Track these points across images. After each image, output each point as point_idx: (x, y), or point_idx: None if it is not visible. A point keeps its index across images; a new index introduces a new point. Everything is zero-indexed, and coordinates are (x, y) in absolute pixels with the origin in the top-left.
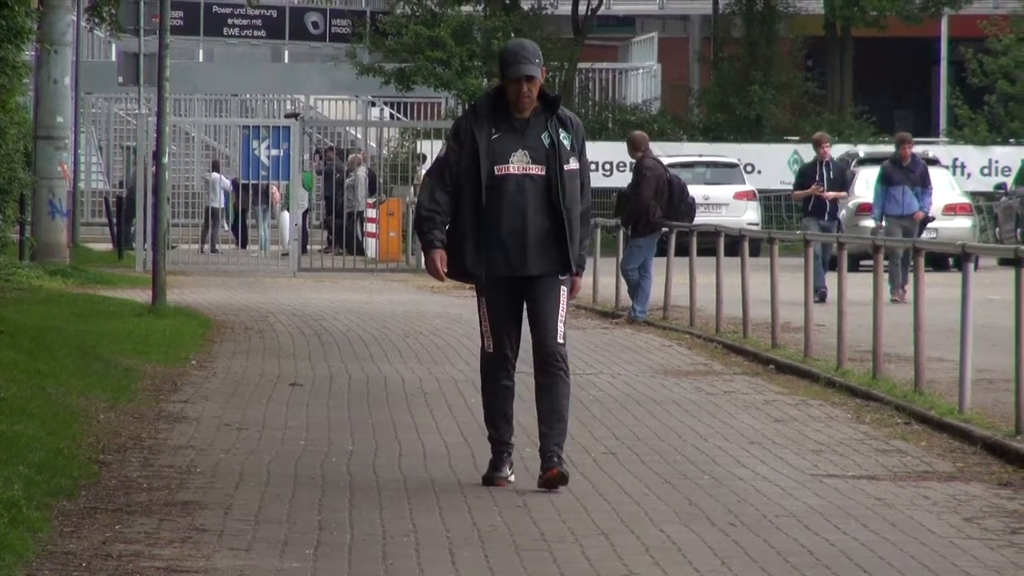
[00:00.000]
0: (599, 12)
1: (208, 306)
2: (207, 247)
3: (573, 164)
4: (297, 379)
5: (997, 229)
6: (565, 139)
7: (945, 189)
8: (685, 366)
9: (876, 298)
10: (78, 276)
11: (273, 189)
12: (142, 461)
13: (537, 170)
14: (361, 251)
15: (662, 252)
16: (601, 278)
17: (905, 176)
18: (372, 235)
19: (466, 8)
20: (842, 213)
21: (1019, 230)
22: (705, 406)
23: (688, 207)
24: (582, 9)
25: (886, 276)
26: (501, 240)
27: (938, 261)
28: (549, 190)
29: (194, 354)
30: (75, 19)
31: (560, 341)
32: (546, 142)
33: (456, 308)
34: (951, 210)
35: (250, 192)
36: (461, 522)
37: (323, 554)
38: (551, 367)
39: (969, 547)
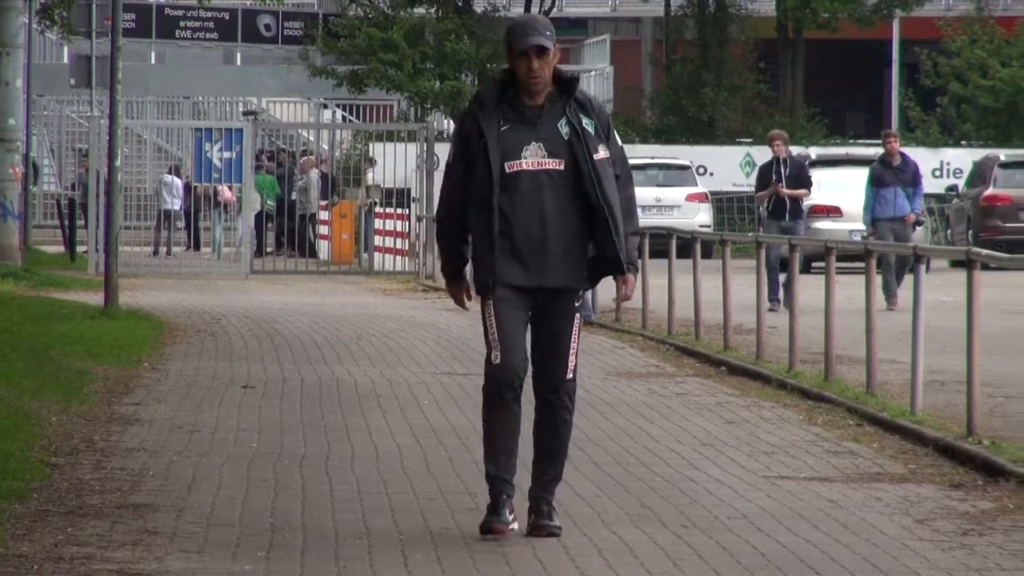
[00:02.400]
0: (551, 14)
1: (160, 308)
2: (162, 249)
3: (603, 152)
4: (249, 381)
5: (949, 231)
6: (588, 125)
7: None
8: (637, 368)
9: (828, 300)
10: (30, 279)
11: (224, 190)
12: (94, 464)
13: (555, 164)
14: (313, 253)
15: None
16: None
17: (896, 177)
18: (324, 237)
19: (419, 10)
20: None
21: (970, 232)
22: (657, 408)
23: None
24: (535, 9)
25: (839, 278)
26: (516, 247)
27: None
28: (570, 187)
29: (146, 356)
30: (27, 21)
31: (570, 376)
32: (564, 132)
33: (408, 311)
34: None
35: (202, 195)
36: (414, 524)
37: (275, 556)
38: (557, 403)
39: (920, 549)
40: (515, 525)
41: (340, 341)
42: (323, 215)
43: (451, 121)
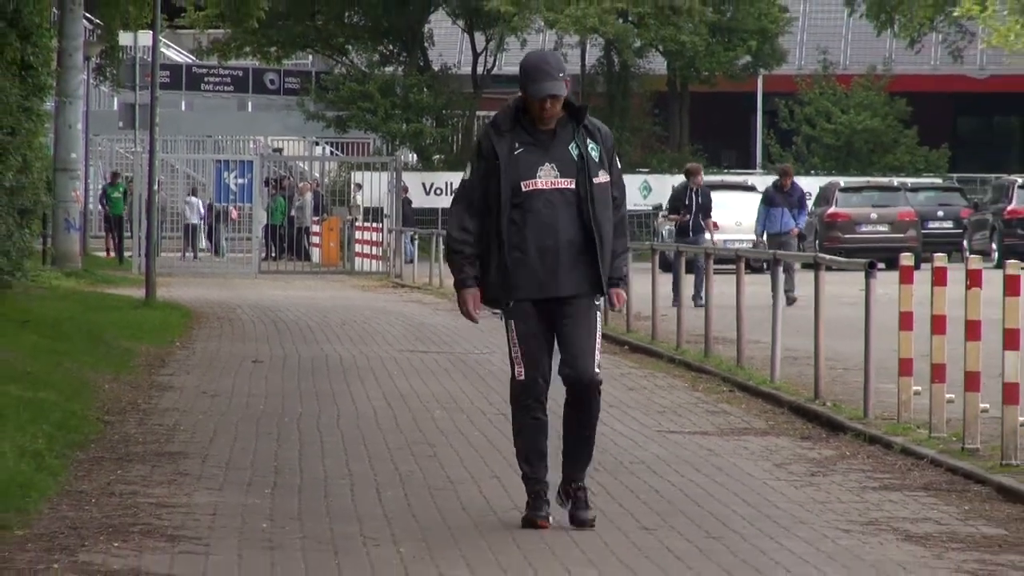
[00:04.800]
0: (492, 71)
1: (189, 301)
2: (189, 254)
3: (603, 177)
4: (258, 357)
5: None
6: (593, 151)
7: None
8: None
9: (708, 293)
10: (87, 277)
11: (232, 209)
12: (138, 421)
13: (567, 184)
14: (308, 257)
15: None
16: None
17: (784, 199)
18: (316, 245)
19: (389, 68)
20: (707, 234)
21: (817, 242)
22: None
23: None
24: (480, 69)
25: (721, 278)
26: (530, 260)
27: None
28: (580, 205)
29: (178, 338)
30: (85, 78)
31: (596, 370)
32: (574, 154)
33: (381, 303)
34: None
35: (221, 212)
36: (386, 468)
37: (278, 493)
38: (586, 398)
39: (778, 486)
40: (552, 518)
41: (328, 326)
42: (315, 228)
43: (415, 155)
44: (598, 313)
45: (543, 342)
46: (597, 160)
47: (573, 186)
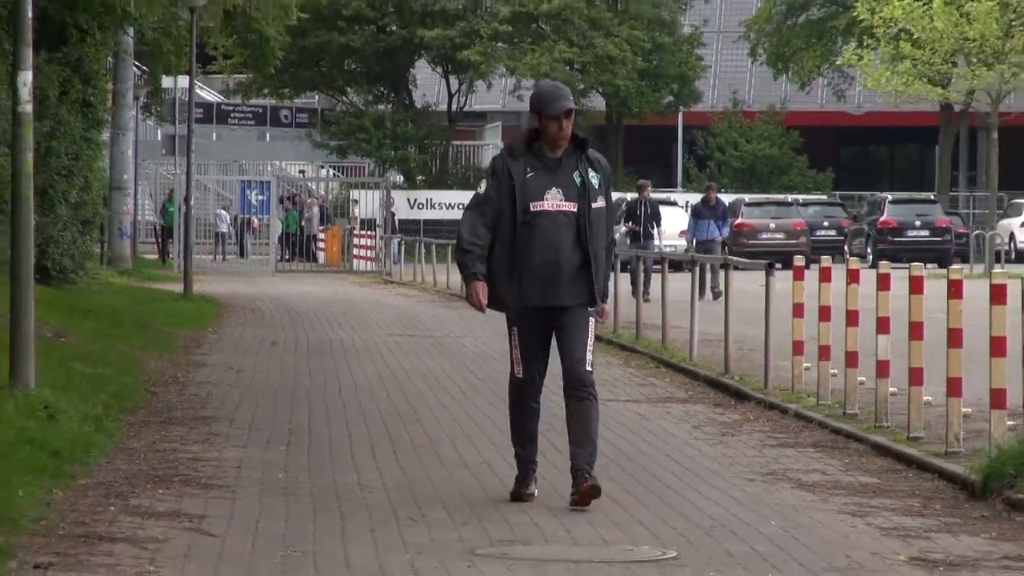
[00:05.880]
0: (464, 109)
1: (218, 294)
2: (219, 256)
3: (600, 203)
4: (275, 340)
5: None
6: (594, 179)
7: (680, 220)
8: None
9: (636, 289)
10: (137, 275)
11: (254, 220)
12: (178, 391)
13: (570, 207)
14: (315, 259)
15: None
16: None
17: (711, 213)
18: (322, 249)
19: (380, 106)
20: (657, 242)
21: (727, 247)
22: None
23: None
24: (454, 107)
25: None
26: (535, 272)
27: (679, 265)
28: (580, 226)
29: (210, 324)
30: (134, 113)
31: (588, 368)
32: (577, 181)
33: (375, 296)
34: (682, 234)
35: (245, 222)
36: (378, 430)
37: (292, 450)
38: (580, 392)
39: (696, 444)
40: (536, 493)
41: (332, 315)
42: (321, 235)
43: (401, 176)
44: (591, 319)
45: (541, 344)
46: (596, 187)
47: (575, 209)
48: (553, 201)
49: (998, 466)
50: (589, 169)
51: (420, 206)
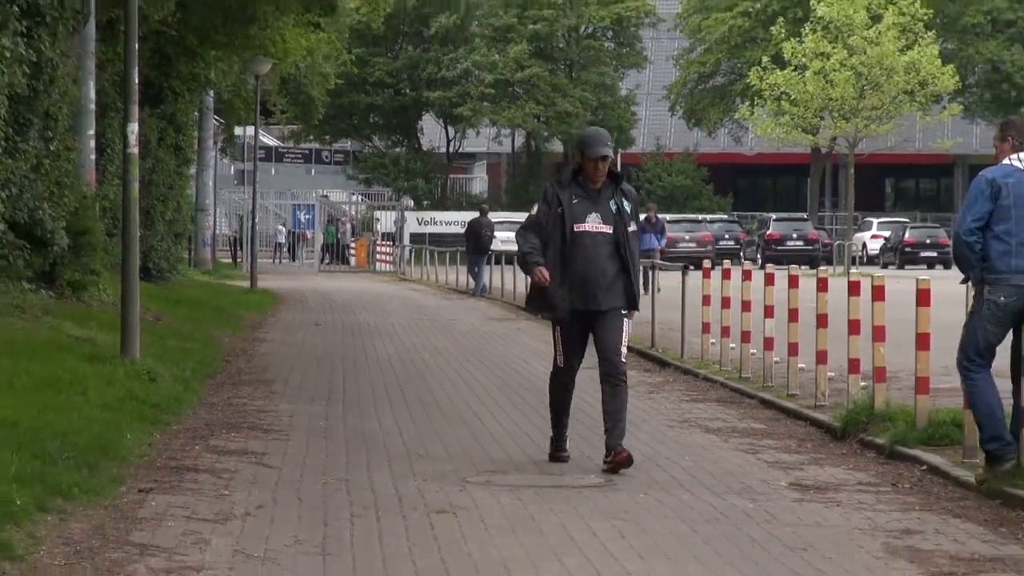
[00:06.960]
0: (459, 151)
1: (276, 289)
2: (277, 261)
3: (633, 227)
4: (318, 322)
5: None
6: (626, 207)
7: None
8: (499, 317)
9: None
10: (216, 275)
11: (306, 233)
12: (246, 360)
13: (607, 229)
14: (347, 262)
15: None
16: (462, 276)
17: (651, 228)
18: (353, 255)
19: (396, 149)
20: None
21: (663, 259)
22: (509, 336)
23: (488, 241)
24: (451, 149)
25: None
26: (578, 282)
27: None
28: (614, 245)
29: (270, 311)
30: (214, 154)
31: (623, 360)
32: (613, 208)
33: (393, 290)
34: None
35: (296, 235)
36: (395, 391)
37: (331, 404)
38: (615, 379)
39: (631, 400)
40: (569, 454)
41: (361, 303)
42: (352, 244)
43: (411, 201)
44: (626, 321)
45: (579, 342)
46: (630, 214)
47: (611, 231)
48: (593, 224)
49: (854, 416)
50: (624, 199)
51: (426, 223)
